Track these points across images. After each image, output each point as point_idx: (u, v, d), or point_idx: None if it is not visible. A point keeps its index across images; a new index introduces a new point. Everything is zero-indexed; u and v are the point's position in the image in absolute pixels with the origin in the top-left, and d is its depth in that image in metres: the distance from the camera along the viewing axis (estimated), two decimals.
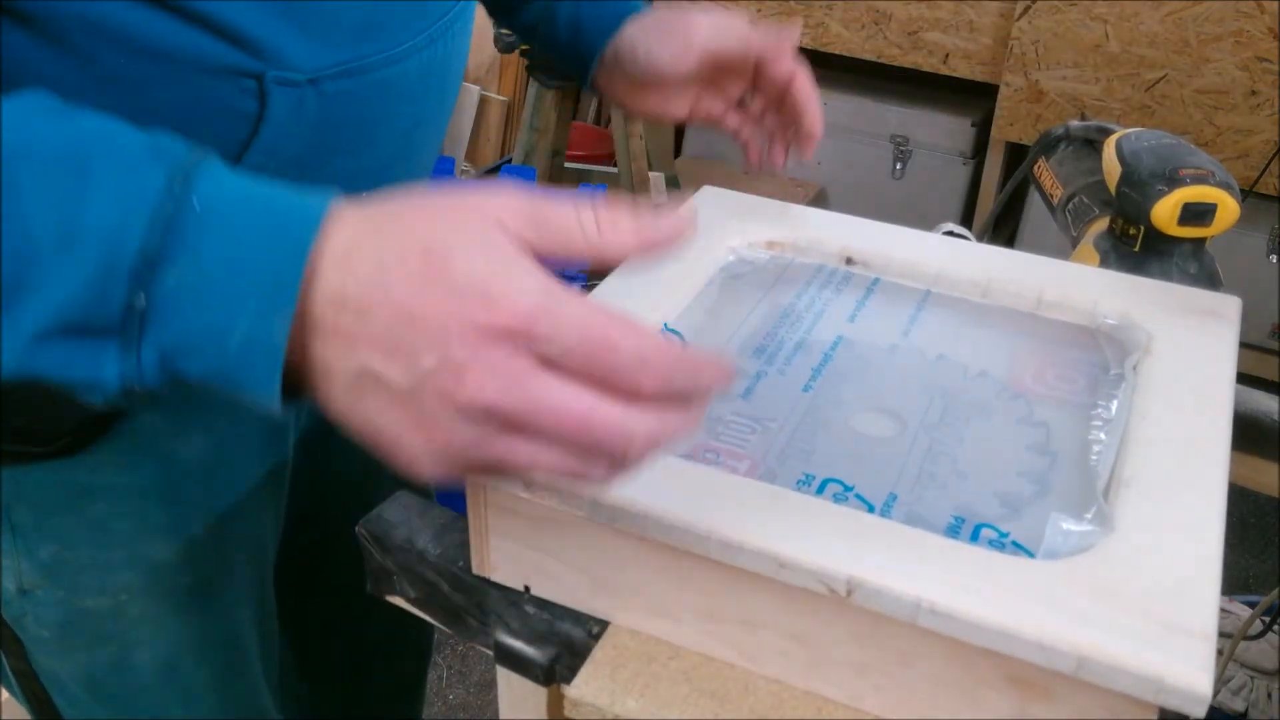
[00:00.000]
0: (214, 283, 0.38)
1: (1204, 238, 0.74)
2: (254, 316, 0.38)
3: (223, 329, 0.38)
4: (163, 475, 0.64)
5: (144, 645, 0.69)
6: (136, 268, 0.37)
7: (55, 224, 0.37)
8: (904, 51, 2.37)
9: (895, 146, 2.50)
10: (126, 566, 0.65)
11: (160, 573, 0.67)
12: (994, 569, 0.44)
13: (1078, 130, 0.90)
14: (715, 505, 0.46)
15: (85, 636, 0.67)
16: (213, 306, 0.38)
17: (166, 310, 0.38)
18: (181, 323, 0.38)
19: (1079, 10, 2.12)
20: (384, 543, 0.56)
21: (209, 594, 0.70)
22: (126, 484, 0.63)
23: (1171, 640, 0.40)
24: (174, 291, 0.38)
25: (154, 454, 0.64)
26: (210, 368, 0.39)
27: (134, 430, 0.62)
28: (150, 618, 0.68)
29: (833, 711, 0.48)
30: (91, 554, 0.64)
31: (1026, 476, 0.51)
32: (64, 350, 0.38)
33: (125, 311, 0.37)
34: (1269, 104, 2.03)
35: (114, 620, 0.67)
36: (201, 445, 0.66)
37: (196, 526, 0.67)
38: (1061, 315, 0.63)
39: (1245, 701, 1.23)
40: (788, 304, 0.64)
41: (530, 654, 0.52)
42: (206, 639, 0.71)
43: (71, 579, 0.65)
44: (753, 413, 0.55)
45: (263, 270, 0.38)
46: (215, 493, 0.68)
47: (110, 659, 0.68)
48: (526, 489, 0.48)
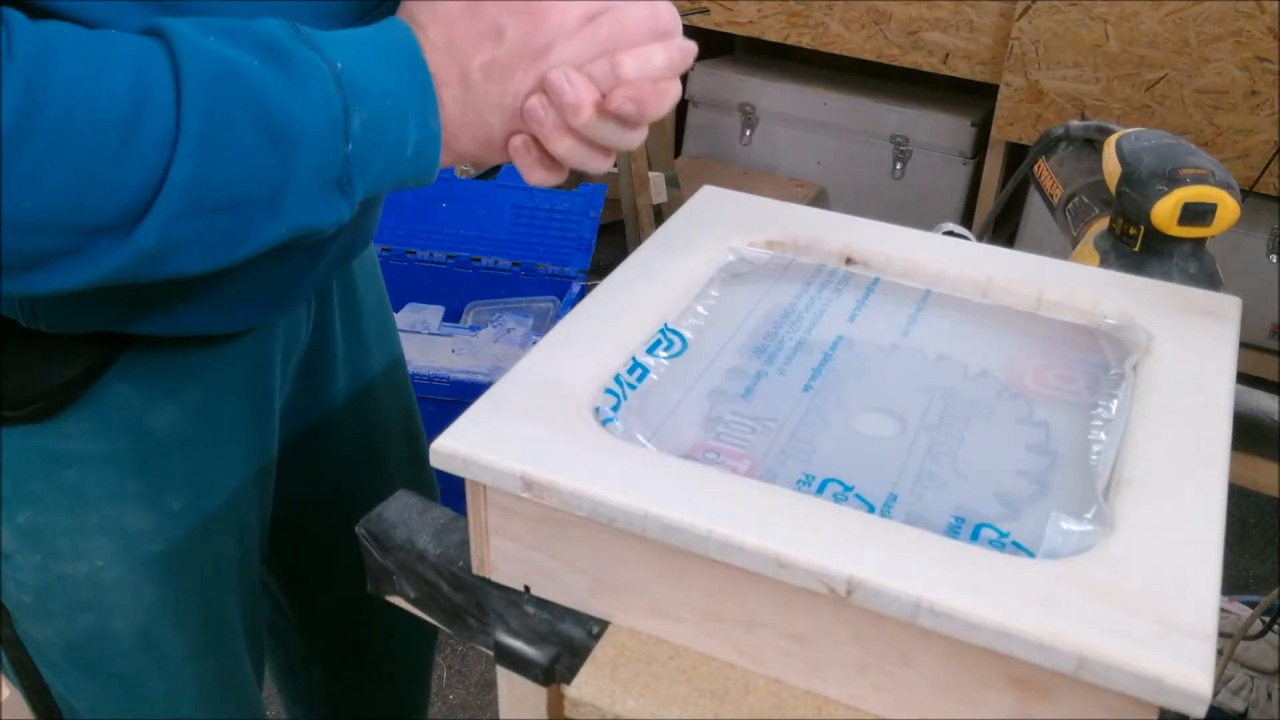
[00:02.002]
0: (381, 113, 0.49)
1: (1204, 238, 0.74)
2: (417, 125, 0.50)
3: (400, 143, 0.50)
4: (135, 445, 0.65)
5: (122, 613, 0.69)
6: (337, 122, 0.48)
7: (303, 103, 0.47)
8: (904, 51, 2.37)
9: (895, 146, 2.50)
10: (101, 533, 0.66)
11: (135, 541, 0.67)
12: (994, 569, 0.44)
13: (1078, 130, 0.90)
14: (715, 505, 0.46)
15: (64, 603, 0.68)
16: (389, 129, 0.49)
17: (363, 147, 0.49)
18: (374, 154, 0.49)
19: (1079, 10, 2.12)
20: (384, 542, 0.56)
21: (186, 565, 0.71)
22: (99, 452, 0.64)
23: (1171, 640, 0.40)
24: (363, 132, 0.48)
25: (125, 424, 0.65)
26: (396, 176, 0.51)
27: (104, 400, 0.63)
28: (127, 585, 0.69)
29: (833, 711, 0.48)
30: (66, 520, 0.66)
31: (1026, 476, 0.51)
32: (318, 207, 0.49)
33: (343, 164, 0.49)
34: (1269, 104, 2.04)
35: (91, 587, 0.68)
36: (174, 416, 0.67)
37: (173, 498, 0.68)
38: (1061, 315, 0.63)
39: (1245, 701, 1.23)
40: (788, 304, 0.64)
41: (530, 654, 0.52)
42: (184, 609, 0.72)
43: (48, 544, 0.66)
44: (753, 413, 0.55)
45: (405, 89, 0.49)
46: (192, 465, 0.69)
47: (89, 626, 0.69)
48: (527, 489, 0.48)
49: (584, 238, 2.16)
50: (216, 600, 0.74)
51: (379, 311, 0.88)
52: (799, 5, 2.43)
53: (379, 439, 0.89)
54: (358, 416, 0.87)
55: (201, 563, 0.72)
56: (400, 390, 0.91)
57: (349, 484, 0.87)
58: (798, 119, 2.59)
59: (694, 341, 0.60)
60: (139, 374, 0.64)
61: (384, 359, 0.89)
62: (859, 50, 2.42)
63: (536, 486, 0.48)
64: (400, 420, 0.91)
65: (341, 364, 0.83)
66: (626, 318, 0.59)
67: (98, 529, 0.66)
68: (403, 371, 0.92)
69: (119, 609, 0.69)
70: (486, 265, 2.13)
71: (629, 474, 0.48)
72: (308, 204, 0.49)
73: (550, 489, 0.48)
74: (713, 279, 0.65)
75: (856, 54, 2.42)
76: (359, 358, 0.85)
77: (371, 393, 0.88)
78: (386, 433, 0.89)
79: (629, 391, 0.55)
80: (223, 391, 0.69)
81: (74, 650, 0.71)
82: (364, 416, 0.87)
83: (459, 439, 0.49)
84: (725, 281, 0.65)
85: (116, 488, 0.66)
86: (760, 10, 2.48)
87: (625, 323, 0.59)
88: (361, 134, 0.49)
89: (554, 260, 2.14)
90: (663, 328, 0.60)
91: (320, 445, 0.85)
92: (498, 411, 0.51)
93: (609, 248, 2.43)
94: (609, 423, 0.52)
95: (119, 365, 0.63)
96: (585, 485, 0.47)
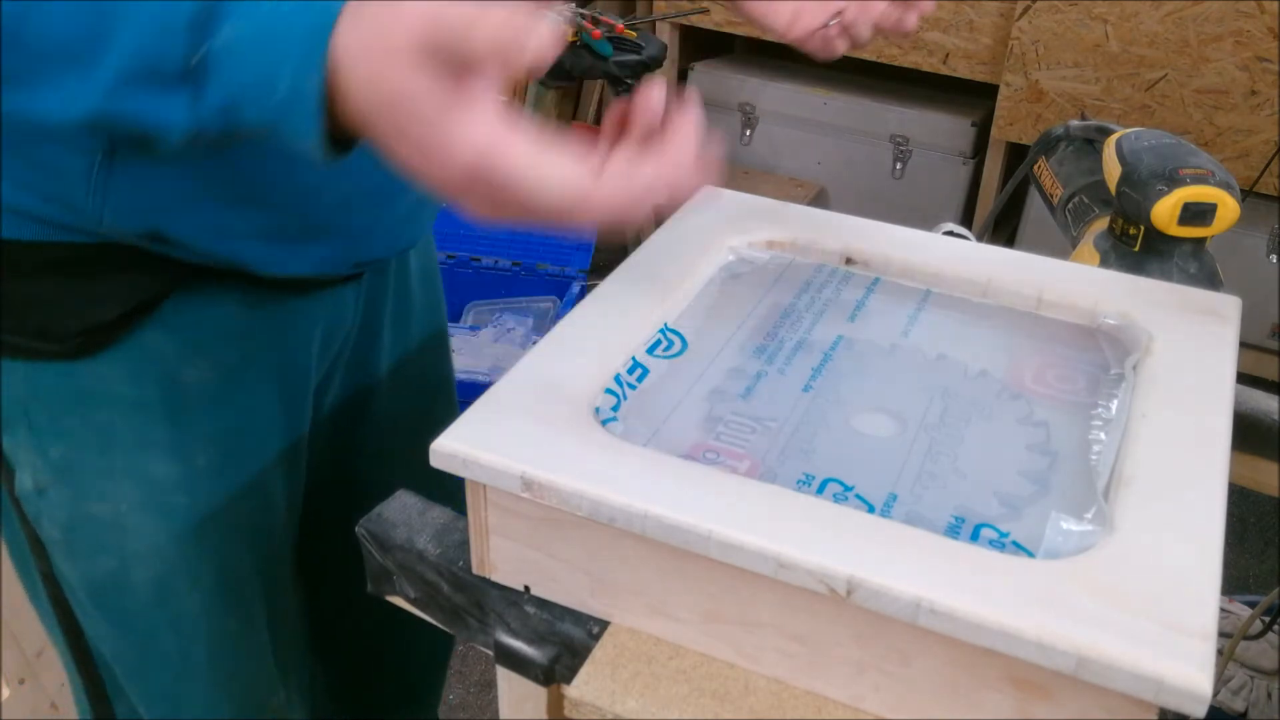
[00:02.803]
0: (261, 39, 0.44)
1: (1204, 238, 0.74)
2: (295, 69, 0.44)
3: (271, 79, 0.44)
4: (166, 395, 0.67)
5: (140, 561, 0.71)
6: (197, 19, 0.44)
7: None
8: (904, 51, 2.37)
9: (895, 146, 2.50)
10: (126, 477, 0.68)
11: (158, 490, 0.69)
12: (994, 569, 0.44)
13: (1078, 130, 0.91)
14: (715, 505, 0.46)
15: (88, 543, 0.70)
16: (261, 60, 0.44)
17: (224, 62, 0.44)
18: (237, 73, 0.44)
19: (1079, 10, 2.12)
20: (384, 542, 0.56)
21: (206, 525, 0.72)
22: (130, 396, 0.66)
23: (1171, 640, 0.40)
24: (229, 44, 0.44)
25: (158, 372, 0.67)
26: (262, 116, 0.45)
27: (140, 346, 0.65)
28: (146, 533, 0.70)
29: (833, 711, 0.48)
30: (95, 460, 0.67)
31: (1026, 476, 0.51)
32: (140, 95, 0.45)
33: (186, 60, 0.44)
34: (1269, 104, 2.04)
35: (114, 530, 0.69)
36: (207, 373, 0.68)
37: (198, 453, 0.70)
38: (1061, 315, 0.63)
39: (1245, 701, 1.23)
40: (788, 304, 0.64)
41: (530, 654, 0.52)
42: (201, 569, 0.73)
43: (77, 482, 0.68)
44: (753, 412, 0.55)
45: (298, 32, 0.44)
46: (220, 424, 0.70)
47: (110, 570, 0.71)
48: (527, 489, 0.48)
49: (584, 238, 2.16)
50: (235, 567, 0.75)
51: (431, 318, 0.90)
52: None
53: (407, 442, 0.89)
54: (392, 417, 0.87)
55: (222, 526, 0.73)
56: (444, 399, 0.92)
57: (375, 482, 0.88)
58: (798, 119, 2.59)
59: (694, 341, 0.60)
60: (176, 326, 0.66)
61: (432, 368, 0.91)
62: (859, 50, 2.41)
63: (536, 486, 0.48)
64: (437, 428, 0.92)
65: (385, 363, 0.84)
66: (626, 318, 0.59)
67: (124, 472, 0.68)
68: (449, 386, 0.94)
69: (138, 557, 0.71)
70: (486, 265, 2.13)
71: (629, 474, 0.48)
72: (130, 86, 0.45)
73: (550, 489, 0.48)
74: (713, 279, 0.65)
75: (856, 54, 2.42)
76: (403, 361, 0.86)
77: (411, 397, 0.88)
78: (419, 436, 0.90)
79: (629, 391, 0.55)
80: (257, 358, 0.71)
81: (96, 593, 0.73)
82: (398, 418, 0.88)
83: (459, 439, 0.49)
84: (725, 281, 0.65)
85: (144, 434, 0.67)
86: None
87: (625, 323, 0.59)
88: (224, 49, 0.44)
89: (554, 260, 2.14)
90: (663, 328, 0.60)
91: (351, 440, 0.86)
92: (498, 411, 0.51)
93: (609, 248, 2.43)
94: (609, 423, 0.52)
95: (157, 315, 0.65)
96: (585, 485, 0.47)
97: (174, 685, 0.78)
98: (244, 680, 0.79)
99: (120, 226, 0.61)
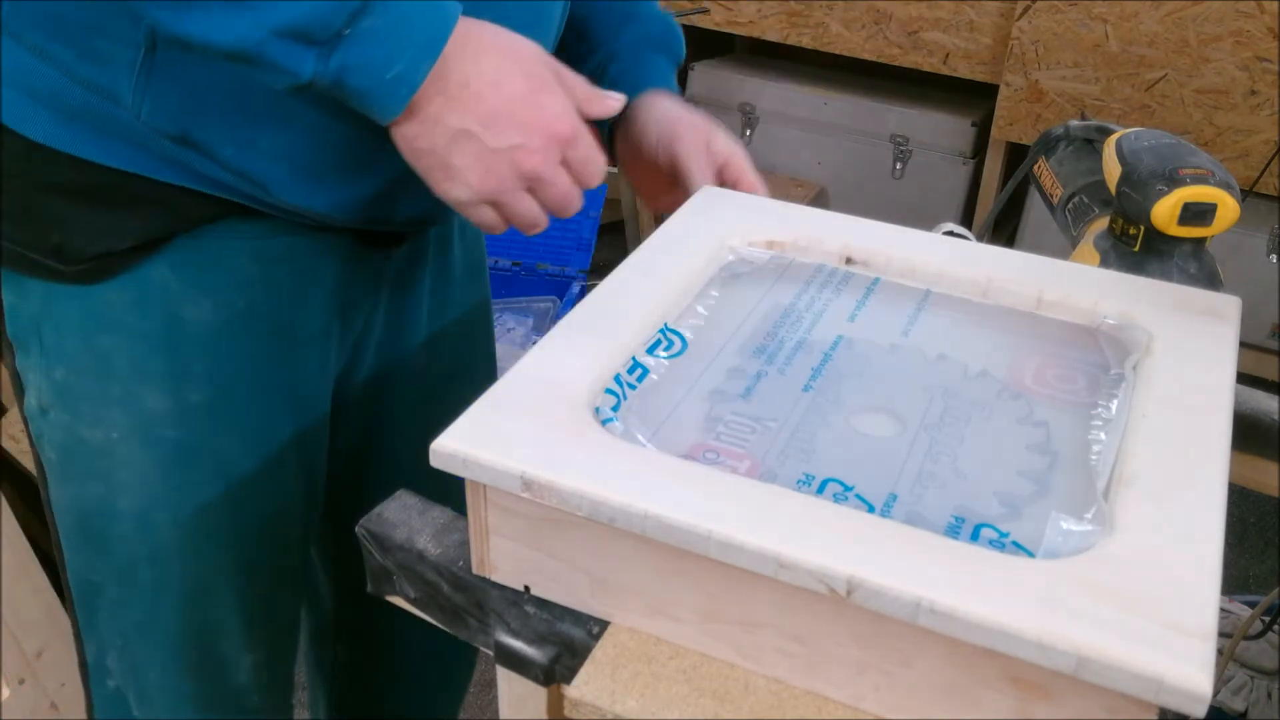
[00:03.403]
0: (392, 32, 0.57)
1: (1204, 238, 0.74)
2: (409, 61, 0.58)
3: (387, 62, 0.57)
4: (167, 328, 0.70)
5: (127, 491, 0.73)
6: (353, 9, 0.55)
7: None
8: (904, 51, 2.37)
9: (895, 146, 2.50)
10: (120, 405, 0.71)
11: (150, 421, 0.72)
12: (994, 569, 0.44)
13: (1078, 130, 0.90)
14: (715, 505, 0.46)
15: (80, 468, 0.74)
16: (386, 46, 0.57)
17: (358, 41, 0.56)
18: (363, 51, 0.56)
19: (1079, 10, 2.12)
20: (384, 542, 0.56)
21: (194, 463, 0.74)
22: (131, 325, 0.70)
23: (1171, 640, 0.40)
24: (367, 30, 0.56)
25: (161, 306, 0.70)
26: (364, 85, 0.57)
27: (146, 278, 0.69)
28: (135, 463, 0.73)
29: (833, 711, 0.48)
30: (93, 385, 0.71)
31: (1026, 476, 0.51)
32: (285, 47, 0.55)
33: (335, 34, 0.56)
34: (1269, 104, 2.04)
35: (105, 457, 0.73)
36: (210, 314, 0.71)
37: (192, 390, 0.72)
38: (1061, 315, 0.63)
39: (1245, 701, 1.23)
40: (788, 304, 0.64)
41: (530, 654, 0.52)
42: (183, 507, 0.75)
43: (75, 405, 0.72)
44: (753, 412, 0.55)
45: (422, 35, 0.58)
46: (217, 364, 0.72)
47: (98, 497, 0.74)
48: (526, 489, 0.48)
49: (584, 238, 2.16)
50: (221, 513, 0.76)
51: (474, 311, 0.92)
52: (799, 5, 2.43)
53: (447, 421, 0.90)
54: (425, 404, 0.88)
55: (210, 467, 0.75)
56: (488, 377, 0.93)
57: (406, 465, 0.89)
58: (798, 119, 2.59)
59: (694, 341, 0.60)
60: (183, 264, 0.69)
61: (472, 361, 0.93)
62: (859, 50, 2.42)
63: (536, 486, 0.48)
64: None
65: (421, 349, 0.87)
66: (626, 318, 0.59)
67: (118, 400, 0.71)
68: (491, 363, 0.96)
69: (125, 486, 0.73)
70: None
71: (629, 474, 0.48)
72: (284, 39, 0.55)
73: (550, 489, 0.48)
74: (713, 279, 0.65)
75: (856, 54, 2.42)
76: (441, 349, 0.88)
77: (444, 381, 0.89)
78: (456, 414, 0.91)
79: (629, 391, 0.55)
80: (263, 308, 0.73)
81: (84, 518, 0.76)
82: (431, 406, 0.88)
83: (459, 439, 0.49)
84: (725, 281, 0.65)
85: (142, 364, 0.71)
86: (760, 10, 2.48)
87: (625, 323, 0.59)
88: (364, 31, 0.56)
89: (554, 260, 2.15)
90: (663, 328, 0.60)
91: (377, 425, 0.88)
92: (498, 411, 0.51)
93: (609, 248, 2.43)
94: (609, 423, 0.52)
95: (167, 251, 0.69)
96: (585, 485, 0.47)
97: (146, 623, 0.79)
98: (210, 634, 0.80)
99: (156, 123, 0.64)
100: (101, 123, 0.65)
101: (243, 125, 0.65)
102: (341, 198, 0.70)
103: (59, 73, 0.64)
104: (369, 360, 0.84)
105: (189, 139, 0.65)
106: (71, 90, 0.64)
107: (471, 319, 0.92)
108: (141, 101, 0.64)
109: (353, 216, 0.72)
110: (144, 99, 0.64)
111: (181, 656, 0.80)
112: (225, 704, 0.84)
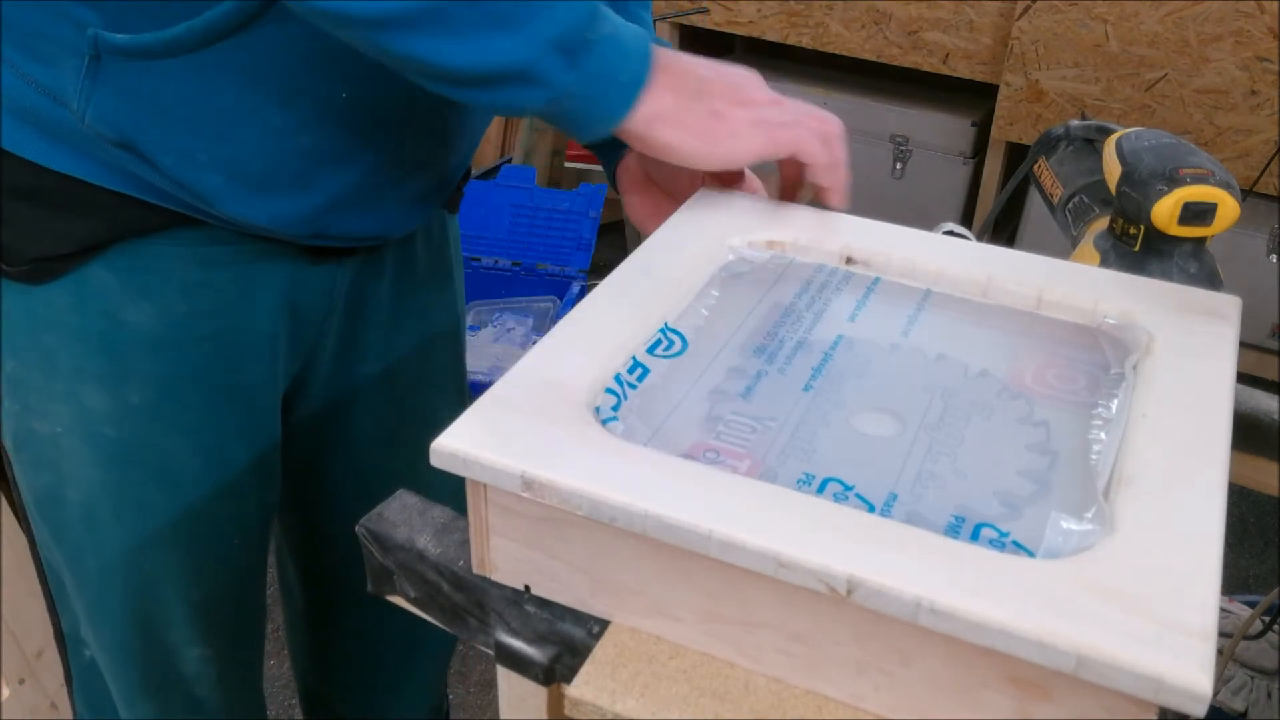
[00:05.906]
0: (621, 40, 0.59)
1: (1204, 237, 0.74)
2: (637, 65, 0.60)
3: (620, 67, 0.59)
4: (105, 330, 0.71)
5: (74, 482, 0.75)
6: (594, 14, 0.57)
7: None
8: (904, 51, 2.37)
9: (895, 146, 2.50)
10: (63, 402, 0.73)
11: (90, 419, 0.73)
12: (994, 569, 0.44)
13: (1078, 130, 0.90)
14: (715, 505, 0.46)
15: (31, 456, 0.76)
16: (622, 52, 0.59)
17: (599, 46, 0.58)
18: (606, 55, 0.58)
19: (1079, 10, 2.12)
20: (384, 542, 0.56)
21: (134, 461, 0.75)
22: (73, 326, 0.71)
23: (1171, 640, 0.40)
24: (607, 35, 0.58)
25: (101, 308, 0.70)
26: (603, 91, 0.59)
27: (87, 281, 0.70)
28: (80, 458, 0.74)
29: (833, 711, 0.48)
30: (40, 380, 0.73)
31: (1026, 476, 0.51)
32: (554, 60, 0.56)
33: (585, 39, 0.57)
34: (1269, 104, 2.04)
35: (52, 448, 0.75)
36: (151, 318, 0.71)
37: (131, 392, 0.73)
38: (1061, 315, 0.63)
39: (1245, 701, 1.23)
40: (788, 303, 0.64)
41: (530, 654, 0.52)
42: (124, 504, 0.76)
43: (24, 397, 0.74)
44: (753, 412, 0.55)
45: (638, 45, 0.60)
46: (157, 367, 0.73)
47: (48, 485, 0.77)
48: (527, 488, 0.48)
49: (584, 238, 2.16)
50: (165, 511, 0.77)
51: (441, 317, 0.91)
52: (799, 5, 2.43)
53: (409, 426, 0.90)
54: (385, 408, 0.88)
55: (152, 468, 0.76)
56: (453, 400, 0.93)
57: (375, 468, 0.89)
58: None
59: (694, 341, 0.60)
60: (123, 268, 0.70)
61: (440, 368, 0.92)
62: (859, 50, 2.42)
63: (536, 486, 0.48)
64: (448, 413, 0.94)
65: (379, 359, 0.86)
66: (626, 317, 0.59)
67: (61, 397, 0.72)
68: (457, 387, 0.95)
69: (72, 477, 0.75)
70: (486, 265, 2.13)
71: (629, 473, 0.48)
72: (552, 51, 0.56)
73: (550, 488, 0.48)
74: (713, 279, 0.65)
75: (856, 54, 2.42)
76: (405, 358, 0.88)
77: (413, 396, 0.89)
78: (419, 420, 0.90)
79: (629, 391, 0.55)
80: (207, 314, 0.73)
81: (39, 504, 0.78)
82: (392, 409, 0.88)
83: (459, 438, 0.49)
84: (725, 281, 0.65)
85: (82, 364, 0.72)
86: (760, 10, 2.48)
87: (625, 322, 0.59)
88: (604, 38, 0.58)
89: (554, 260, 2.15)
90: (663, 327, 0.60)
91: (337, 431, 0.88)
92: (498, 411, 0.51)
93: (609, 248, 2.43)
94: (609, 422, 0.52)
95: (108, 255, 0.69)
96: (585, 485, 0.47)
97: (97, 607, 0.81)
98: (156, 625, 0.81)
99: (99, 128, 0.64)
100: (51, 126, 0.65)
101: (183, 134, 0.65)
102: (282, 211, 0.70)
103: (13, 74, 0.64)
104: (324, 369, 0.83)
105: (132, 145, 0.65)
106: (25, 91, 0.65)
107: (438, 329, 0.91)
108: (86, 105, 0.63)
109: (295, 231, 0.72)
110: (89, 103, 0.63)
111: (127, 643, 0.82)
112: (170, 692, 0.85)
